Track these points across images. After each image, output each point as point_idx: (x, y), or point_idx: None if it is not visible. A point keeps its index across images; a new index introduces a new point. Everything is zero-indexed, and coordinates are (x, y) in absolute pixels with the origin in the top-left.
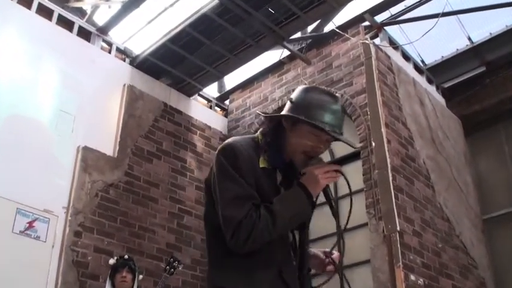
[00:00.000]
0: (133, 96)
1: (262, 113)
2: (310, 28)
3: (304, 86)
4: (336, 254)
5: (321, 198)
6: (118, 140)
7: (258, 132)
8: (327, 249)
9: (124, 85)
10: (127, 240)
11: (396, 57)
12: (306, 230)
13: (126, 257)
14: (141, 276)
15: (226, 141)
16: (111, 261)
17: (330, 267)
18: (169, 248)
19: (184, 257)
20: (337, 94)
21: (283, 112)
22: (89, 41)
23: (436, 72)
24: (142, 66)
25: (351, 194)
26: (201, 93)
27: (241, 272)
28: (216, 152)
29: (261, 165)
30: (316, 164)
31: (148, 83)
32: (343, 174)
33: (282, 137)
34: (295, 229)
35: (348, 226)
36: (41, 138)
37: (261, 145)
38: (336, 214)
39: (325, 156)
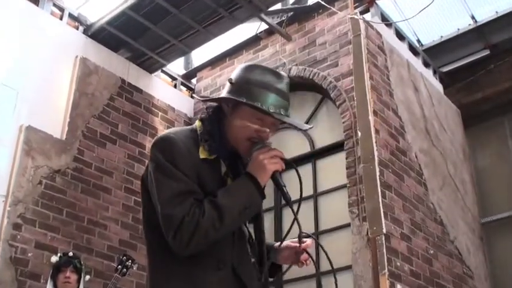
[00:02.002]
0: (86, 71)
1: (200, 96)
2: None
3: (245, 65)
4: (308, 241)
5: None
6: (67, 120)
7: (196, 121)
8: (295, 239)
9: (76, 57)
10: (74, 236)
11: (389, 35)
12: (260, 222)
13: (70, 254)
14: (88, 277)
15: (161, 135)
16: (54, 258)
17: (303, 256)
18: (122, 245)
19: (139, 256)
20: (282, 73)
21: (222, 94)
22: (37, 5)
23: (433, 54)
24: (98, 36)
25: (301, 185)
26: (164, 69)
27: (188, 278)
28: (151, 147)
29: (202, 156)
30: (260, 149)
31: (104, 55)
32: (291, 164)
33: (223, 123)
34: (248, 223)
35: (328, 227)
36: None
37: (200, 134)
38: (289, 201)
39: (305, 147)
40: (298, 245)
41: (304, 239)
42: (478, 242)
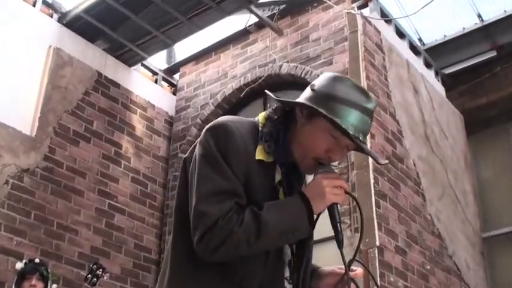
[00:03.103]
0: (59, 62)
1: (275, 96)
2: None
3: (332, 74)
4: (358, 270)
5: None
6: (38, 115)
7: (261, 115)
8: (341, 266)
9: (49, 47)
10: (42, 241)
11: (388, 32)
12: (307, 248)
13: (37, 260)
14: (55, 286)
15: (218, 119)
16: (18, 265)
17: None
18: (94, 252)
19: (112, 264)
20: (371, 94)
21: (300, 99)
22: None
23: (436, 54)
24: (74, 25)
25: (362, 223)
26: (144, 63)
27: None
28: (204, 130)
29: (258, 157)
30: (326, 173)
31: (80, 46)
32: (354, 198)
33: (291, 129)
34: (293, 244)
35: (317, 237)
36: None
37: (262, 132)
38: (341, 242)
39: None
40: (343, 272)
41: (354, 268)
42: (479, 258)
